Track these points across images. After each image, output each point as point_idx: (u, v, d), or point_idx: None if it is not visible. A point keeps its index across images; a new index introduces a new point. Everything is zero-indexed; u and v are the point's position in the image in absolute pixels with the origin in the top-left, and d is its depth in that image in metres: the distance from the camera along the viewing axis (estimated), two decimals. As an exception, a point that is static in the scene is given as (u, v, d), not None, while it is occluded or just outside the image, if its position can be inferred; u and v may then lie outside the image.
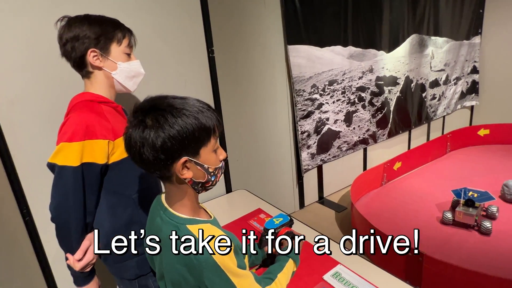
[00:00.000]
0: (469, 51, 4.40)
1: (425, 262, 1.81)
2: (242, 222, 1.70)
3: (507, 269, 1.98)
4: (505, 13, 4.28)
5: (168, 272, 0.76)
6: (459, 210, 2.35)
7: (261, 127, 2.53)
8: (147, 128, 0.68)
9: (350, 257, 1.33)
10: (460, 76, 4.40)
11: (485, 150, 4.07)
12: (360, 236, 2.42)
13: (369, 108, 3.37)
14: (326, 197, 3.20)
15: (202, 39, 1.93)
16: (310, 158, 2.90)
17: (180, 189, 0.77)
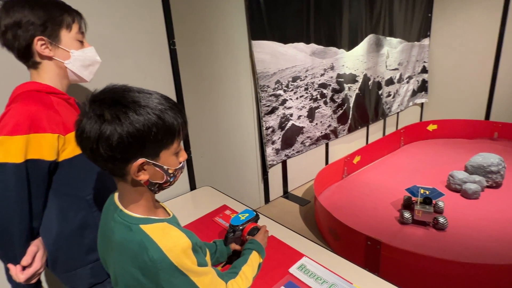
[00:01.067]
0: (419, 52, 4.71)
1: (383, 249, 1.89)
2: (207, 220, 1.67)
3: (457, 253, 2.13)
4: (450, 18, 4.64)
5: (122, 277, 0.71)
6: (417, 208, 2.33)
7: (226, 123, 2.49)
8: (105, 123, 0.61)
9: (315, 249, 1.37)
10: (411, 75, 4.70)
11: (434, 144, 4.39)
12: (323, 228, 2.48)
13: (331, 105, 3.47)
14: (291, 192, 3.24)
15: (163, 30, 1.85)
16: (275, 154, 2.91)
17: (134, 188, 0.72)
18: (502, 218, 2.52)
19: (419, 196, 2.40)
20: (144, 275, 0.67)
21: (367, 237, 1.95)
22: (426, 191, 2.43)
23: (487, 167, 2.94)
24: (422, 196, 2.40)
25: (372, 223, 2.51)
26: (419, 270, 1.82)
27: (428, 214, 2.32)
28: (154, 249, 0.66)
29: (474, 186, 2.83)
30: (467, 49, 4.55)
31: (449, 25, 4.67)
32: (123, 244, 0.69)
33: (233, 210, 1.75)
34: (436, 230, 2.35)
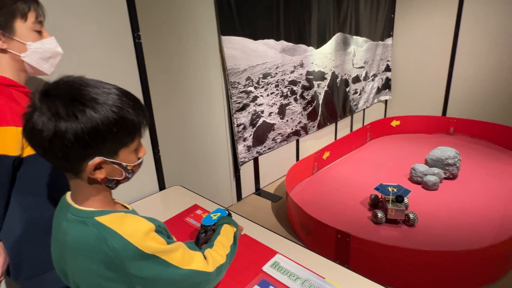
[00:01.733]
0: (383, 51, 4.92)
1: (352, 242, 1.93)
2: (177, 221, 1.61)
3: (419, 241, 2.24)
4: (411, 19, 4.87)
5: (85, 282, 0.65)
6: (391, 207, 2.32)
7: (196, 120, 2.43)
8: (60, 120, 0.57)
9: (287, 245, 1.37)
10: (376, 73, 4.89)
11: (397, 139, 4.61)
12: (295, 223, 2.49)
13: (301, 101, 3.51)
14: (263, 188, 3.24)
15: (126, 22, 1.75)
16: (247, 151, 2.89)
17: (90, 185, 0.67)
18: (459, 207, 2.65)
19: (391, 194, 2.39)
20: (109, 269, 0.61)
21: (337, 231, 1.98)
22: (394, 189, 2.45)
23: (444, 160, 3.13)
24: (394, 194, 2.40)
25: (342, 217, 2.56)
26: (387, 260, 1.88)
27: (400, 212, 2.33)
28: (114, 238, 0.61)
29: (433, 178, 3.00)
30: (426, 50, 4.81)
31: (410, 26, 4.90)
32: (79, 242, 0.63)
33: (204, 209, 1.71)
34: (407, 226, 2.37)
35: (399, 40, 5.04)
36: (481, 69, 4.41)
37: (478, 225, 2.39)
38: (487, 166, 3.44)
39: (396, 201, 2.38)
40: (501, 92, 4.33)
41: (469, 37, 4.42)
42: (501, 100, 4.35)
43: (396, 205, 2.35)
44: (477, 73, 4.46)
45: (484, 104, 4.48)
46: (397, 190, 2.43)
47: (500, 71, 4.28)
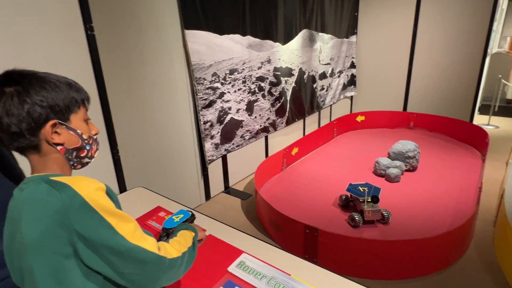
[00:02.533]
0: (348, 48, 5.04)
1: (320, 236, 1.96)
2: (139, 224, 1.53)
3: (383, 231, 2.30)
4: (373, 18, 5.05)
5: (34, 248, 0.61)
6: (368, 209, 2.27)
7: (160, 117, 2.35)
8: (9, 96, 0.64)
9: (254, 244, 1.35)
10: (342, 70, 5.01)
11: (362, 134, 4.76)
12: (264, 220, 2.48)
13: (269, 98, 3.50)
14: (232, 186, 3.22)
15: (77, 12, 1.62)
16: (214, 149, 2.84)
17: (50, 158, 0.70)
18: (419, 198, 2.78)
19: (366, 195, 2.33)
20: (57, 224, 0.60)
21: (305, 226, 2.00)
22: (365, 188, 2.42)
23: (405, 153, 3.29)
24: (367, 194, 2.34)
25: (311, 212, 2.59)
26: (353, 252, 1.93)
27: (376, 212, 2.30)
28: (63, 189, 0.62)
29: (395, 171, 3.14)
30: (388, 48, 5.01)
31: (372, 24, 5.07)
32: (31, 198, 0.63)
33: (168, 211, 1.64)
34: (382, 224, 2.35)
35: (363, 38, 5.19)
36: (437, 66, 4.68)
37: (437, 213, 2.52)
38: (443, 158, 3.66)
39: (371, 201, 2.34)
40: (455, 89, 4.62)
41: (426, 36, 4.66)
42: (455, 96, 4.64)
43: (371, 206, 2.32)
44: (433, 71, 4.72)
45: (440, 100, 4.77)
46: (368, 189, 2.41)
47: (454, 69, 4.57)
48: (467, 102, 4.54)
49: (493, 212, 2.63)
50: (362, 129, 4.94)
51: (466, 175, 3.18)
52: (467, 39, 4.35)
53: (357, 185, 2.49)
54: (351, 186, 2.48)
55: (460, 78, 4.52)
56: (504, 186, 2.67)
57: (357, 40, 5.23)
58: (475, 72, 4.37)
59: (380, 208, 2.33)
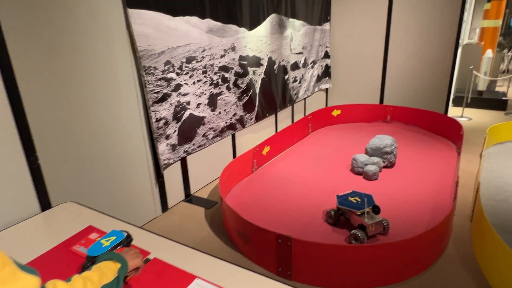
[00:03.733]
0: (321, 36, 4.97)
1: (294, 246, 1.89)
2: (61, 251, 1.26)
3: None
4: (348, 5, 4.99)
5: None
6: (371, 223, 2.15)
7: (98, 114, 2.12)
8: None
9: (212, 265, 1.17)
10: (316, 60, 4.93)
11: (338, 129, 4.76)
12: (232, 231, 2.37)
13: (235, 90, 3.32)
14: (194, 194, 3.08)
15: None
16: (171, 150, 2.66)
17: None
18: (397, 196, 2.80)
19: (365, 206, 2.21)
20: None
21: (277, 235, 1.93)
22: (356, 198, 2.33)
23: (383, 148, 3.32)
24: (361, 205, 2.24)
25: (284, 219, 2.53)
26: (330, 260, 1.89)
27: (379, 224, 2.21)
28: None
29: (373, 168, 3.13)
30: (362, 37, 5.01)
31: (346, 11, 5.03)
32: None
33: (102, 231, 1.38)
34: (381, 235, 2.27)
35: (337, 26, 5.15)
36: (411, 56, 4.76)
37: (415, 211, 2.57)
38: (421, 152, 3.77)
39: (373, 212, 2.24)
40: (429, 79, 4.75)
41: (400, 25, 4.72)
42: (429, 87, 4.77)
43: (371, 218, 2.21)
44: (408, 61, 4.81)
45: (416, 91, 4.88)
46: (361, 198, 2.33)
47: (428, 59, 4.67)
48: (441, 93, 4.70)
49: (469, 206, 2.72)
50: (338, 124, 4.95)
51: (443, 169, 3.29)
52: (440, 29, 4.48)
53: (345, 196, 2.39)
54: (341, 199, 2.37)
55: (434, 69, 4.67)
56: (479, 179, 2.80)
57: (331, 28, 5.18)
58: (448, 62, 4.55)
59: (382, 219, 2.24)
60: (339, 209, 2.40)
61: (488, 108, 5.66)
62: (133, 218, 2.44)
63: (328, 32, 5.12)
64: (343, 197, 2.38)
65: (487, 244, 2.01)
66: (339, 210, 2.41)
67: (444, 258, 2.14)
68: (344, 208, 2.33)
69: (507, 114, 5.42)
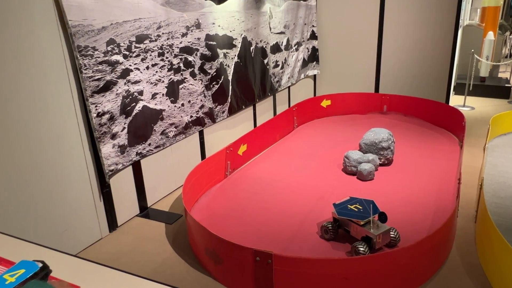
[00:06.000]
0: (307, 14, 4.86)
1: (275, 263, 1.87)
2: None
3: None
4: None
5: None
6: (378, 233, 2.13)
7: (17, 110, 1.98)
8: None
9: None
10: (300, 42, 4.83)
11: (329, 122, 4.72)
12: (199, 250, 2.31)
13: (201, 77, 3.19)
14: (152, 207, 3.01)
15: None
16: (119, 153, 2.55)
17: None
18: (396, 198, 2.85)
19: (370, 214, 2.17)
20: None
21: (254, 252, 1.91)
22: (357, 206, 2.30)
23: (378, 143, 3.34)
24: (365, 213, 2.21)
25: (264, 232, 2.50)
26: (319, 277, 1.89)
27: (386, 234, 2.18)
28: None
29: (368, 166, 3.13)
30: (353, 14, 4.93)
31: (335, -17, 4.96)
32: None
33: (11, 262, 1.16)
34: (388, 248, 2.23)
35: (324, 1, 5.06)
36: (408, 38, 4.78)
37: (416, 214, 2.64)
38: (420, 146, 3.83)
39: (379, 220, 2.21)
40: (429, 64, 4.78)
41: (395, 2, 4.69)
42: (429, 72, 4.81)
43: (377, 227, 2.17)
44: (405, 43, 4.81)
45: (415, 78, 4.90)
46: (362, 206, 2.29)
47: (426, 41, 4.69)
48: (442, 80, 4.76)
49: (473, 205, 2.79)
50: (328, 117, 4.92)
51: (444, 165, 3.37)
52: (439, 7, 4.53)
53: (343, 204, 2.34)
54: (339, 208, 2.32)
55: (434, 52, 4.71)
56: (483, 175, 2.91)
57: (317, 4, 5.08)
58: (448, 45, 4.61)
59: (390, 228, 2.22)
60: (337, 220, 2.35)
61: (491, 96, 5.83)
62: (69, 242, 2.30)
63: (314, 8, 5.02)
64: (341, 206, 2.34)
65: (492, 247, 2.06)
66: (337, 222, 2.36)
67: (448, 266, 2.17)
68: (345, 218, 2.28)
69: (511, 103, 5.55)
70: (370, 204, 2.28)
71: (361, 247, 2.10)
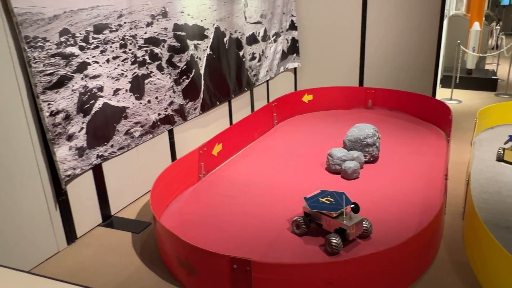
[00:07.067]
0: (285, 2, 4.89)
1: (254, 270, 1.88)
2: None
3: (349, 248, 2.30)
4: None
5: None
6: (351, 224, 2.26)
7: None
8: None
9: None
10: (279, 32, 4.85)
11: (310, 118, 4.76)
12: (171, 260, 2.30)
13: (170, 71, 3.19)
14: (116, 215, 3.00)
15: None
16: (76, 156, 2.53)
17: None
18: (382, 196, 2.92)
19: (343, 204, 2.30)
20: None
21: (231, 259, 1.91)
22: (329, 198, 2.42)
23: (363, 139, 3.39)
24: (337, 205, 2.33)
25: (243, 237, 2.53)
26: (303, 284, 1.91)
27: (359, 224, 2.32)
28: None
29: (353, 164, 3.18)
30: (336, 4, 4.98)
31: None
32: None
33: None
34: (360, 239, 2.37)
35: (303, -12, 5.09)
36: (392, 29, 4.87)
37: (402, 214, 2.71)
38: (407, 142, 3.94)
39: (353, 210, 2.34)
40: (414, 56, 4.88)
41: None
42: (415, 65, 4.91)
43: (351, 218, 2.30)
44: (389, 34, 4.89)
45: (400, 71, 5.00)
46: (334, 198, 2.42)
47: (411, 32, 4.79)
48: (428, 72, 4.88)
49: (461, 202, 2.87)
50: (310, 112, 4.96)
51: (431, 161, 3.47)
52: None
53: (314, 198, 2.46)
54: (311, 201, 2.44)
55: (419, 43, 4.82)
56: (470, 170, 3.01)
57: None
58: (433, 36, 4.73)
59: (362, 218, 2.36)
60: (308, 214, 2.46)
61: (478, 89, 6.05)
62: (21, 257, 2.25)
63: (293, -4, 5.05)
64: (312, 199, 2.46)
65: (480, 244, 2.14)
66: (308, 216, 2.47)
67: (436, 265, 2.25)
68: (316, 212, 2.39)
69: (498, 95, 5.75)
70: (342, 196, 2.40)
71: (334, 239, 2.24)
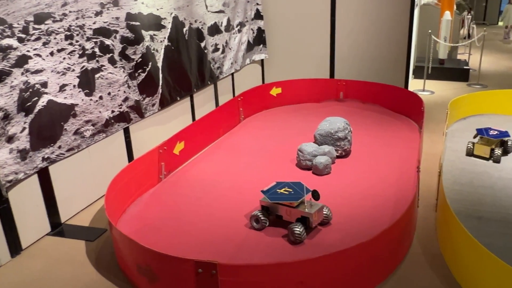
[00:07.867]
0: None
1: (221, 274, 1.88)
2: None
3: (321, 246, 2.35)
4: None
5: None
6: (313, 211, 2.39)
7: None
8: None
9: None
10: (243, 22, 4.85)
11: (279, 113, 4.79)
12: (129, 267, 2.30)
13: (123, 64, 3.14)
14: (67, 222, 2.97)
15: None
16: (19, 159, 2.49)
17: None
18: (354, 192, 3.00)
19: (304, 193, 2.44)
20: None
21: (196, 263, 1.90)
22: (286, 189, 2.55)
23: (334, 133, 3.45)
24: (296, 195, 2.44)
25: (209, 240, 2.54)
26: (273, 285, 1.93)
27: (320, 211, 2.46)
28: None
29: (324, 159, 3.22)
30: None
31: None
32: None
33: None
34: (320, 226, 2.52)
35: (268, -25, 5.09)
36: (363, 19, 4.96)
37: (375, 208, 2.78)
38: (379, 134, 4.04)
39: (313, 197, 2.45)
40: (386, 47, 4.99)
41: None
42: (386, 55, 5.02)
43: (312, 206, 2.42)
44: (360, 23, 4.98)
45: (373, 61, 5.09)
46: (291, 188, 2.51)
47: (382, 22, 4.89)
48: (400, 62, 5.00)
49: (434, 194, 2.98)
50: (278, 107, 4.99)
51: (404, 153, 3.59)
52: None
53: (272, 190, 2.55)
54: (269, 194, 2.53)
55: (390, 33, 4.93)
56: (442, 161, 3.12)
57: None
58: (404, 25, 4.85)
59: (322, 205, 2.46)
60: (266, 207, 2.54)
61: (450, 79, 6.28)
62: None
63: (257, -17, 5.05)
64: (271, 191, 2.55)
65: (452, 235, 2.22)
66: (266, 209, 2.56)
67: (409, 258, 2.33)
68: (274, 204, 2.49)
69: (470, 85, 6.00)
70: (299, 185, 2.51)
71: (297, 228, 2.35)
